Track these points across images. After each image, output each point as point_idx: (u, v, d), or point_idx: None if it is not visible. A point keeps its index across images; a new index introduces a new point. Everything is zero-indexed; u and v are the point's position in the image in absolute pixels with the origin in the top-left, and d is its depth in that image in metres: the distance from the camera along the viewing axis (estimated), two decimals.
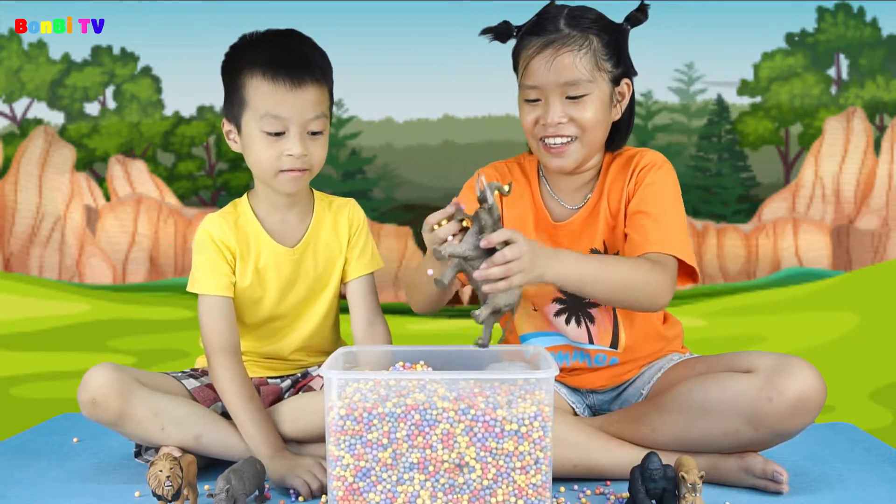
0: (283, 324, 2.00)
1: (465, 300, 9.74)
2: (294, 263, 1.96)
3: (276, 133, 1.84)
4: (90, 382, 1.79)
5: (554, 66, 1.76)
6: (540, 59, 1.77)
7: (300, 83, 1.83)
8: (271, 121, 1.83)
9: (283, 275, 1.96)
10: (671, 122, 10.42)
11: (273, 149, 1.85)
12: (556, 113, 1.78)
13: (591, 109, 1.79)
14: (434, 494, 1.49)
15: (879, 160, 9.97)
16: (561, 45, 1.77)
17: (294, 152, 1.84)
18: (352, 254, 2.00)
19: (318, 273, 1.99)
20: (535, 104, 1.81)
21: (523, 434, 1.48)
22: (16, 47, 10.23)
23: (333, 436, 1.50)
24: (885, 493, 1.72)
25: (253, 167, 1.90)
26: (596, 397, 1.98)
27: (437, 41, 9.79)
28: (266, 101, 1.83)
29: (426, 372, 1.57)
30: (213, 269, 1.91)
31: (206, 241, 1.92)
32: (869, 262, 9.81)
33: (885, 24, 10.07)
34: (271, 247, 1.95)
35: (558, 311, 1.93)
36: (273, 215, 1.96)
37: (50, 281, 9.77)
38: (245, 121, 1.87)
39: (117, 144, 10.44)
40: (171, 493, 1.53)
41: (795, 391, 1.64)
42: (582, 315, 1.92)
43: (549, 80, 1.77)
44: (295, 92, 1.83)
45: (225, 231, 1.92)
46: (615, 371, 1.95)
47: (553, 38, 1.77)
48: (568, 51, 1.76)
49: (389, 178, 10.81)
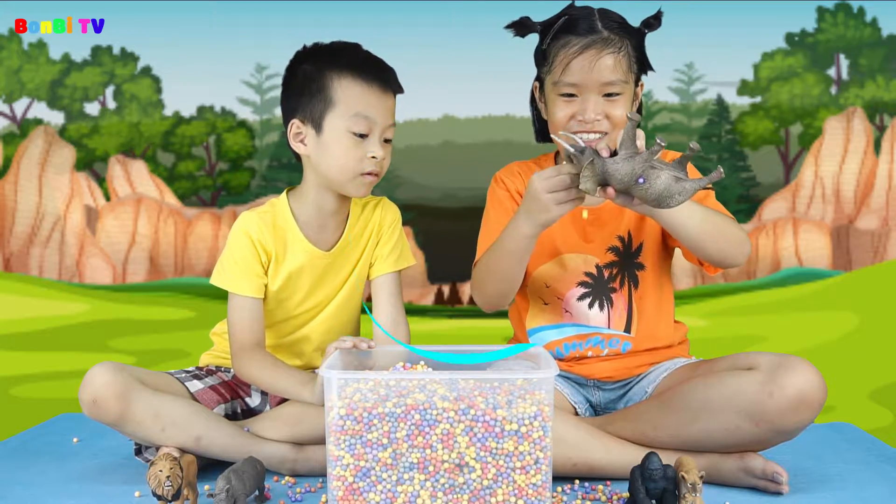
0: (304, 319, 2.02)
1: (465, 300, 9.74)
2: (326, 266, 1.98)
3: (362, 134, 1.87)
4: (91, 382, 1.79)
5: (597, 66, 1.85)
6: (583, 58, 1.86)
7: (388, 88, 1.91)
8: (361, 121, 1.87)
9: (314, 277, 1.98)
10: (671, 122, 10.42)
11: (358, 149, 1.88)
12: (595, 109, 1.86)
13: (623, 107, 1.88)
14: (434, 494, 1.50)
15: (879, 160, 9.97)
16: (603, 46, 1.86)
17: (378, 154, 1.88)
18: (381, 251, 2.02)
19: (346, 274, 2.01)
20: (571, 100, 1.89)
21: (523, 434, 1.48)
22: (16, 47, 10.23)
23: (333, 435, 1.50)
24: (885, 493, 1.72)
25: (330, 167, 1.90)
26: (602, 394, 1.99)
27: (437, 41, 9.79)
28: (358, 101, 1.88)
29: (426, 372, 1.57)
30: (246, 269, 1.93)
31: (243, 239, 1.94)
32: (869, 262, 9.81)
33: (885, 24, 10.07)
34: (307, 250, 1.96)
35: (582, 294, 1.98)
36: (315, 219, 1.98)
37: (50, 281, 9.77)
38: (329, 119, 1.89)
39: (117, 144, 10.44)
40: (171, 493, 1.53)
41: (796, 387, 1.65)
42: (604, 299, 1.97)
43: (591, 79, 1.86)
44: (384, 97, 1.90)
45: (263, 233, 1.94)
46: (625, 363, 1.97)
47: (594, 38, 1.86)
48: (609, 52, 1.86)
49: (389, 178, 10.83)
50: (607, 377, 1.98)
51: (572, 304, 1.98)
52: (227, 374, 2.04)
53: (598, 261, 1.97)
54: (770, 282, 9.71)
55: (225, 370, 2.05)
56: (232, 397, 2.00)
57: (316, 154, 1.91)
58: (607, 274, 1.98)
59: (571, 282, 1.98)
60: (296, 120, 1.92)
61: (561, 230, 1.96)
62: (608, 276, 1.98)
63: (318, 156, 1.91)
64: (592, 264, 1.98)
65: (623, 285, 1.97)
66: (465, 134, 10.47)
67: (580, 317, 1.98)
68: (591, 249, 1.98)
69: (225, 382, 2.01)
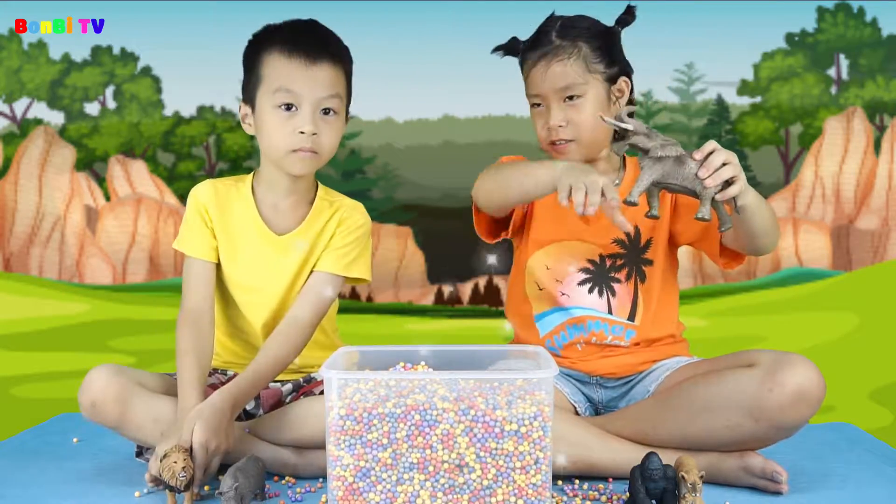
0: (250, 299, 2.00)
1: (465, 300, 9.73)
2: (276, 250, 1.97)
3: (288, 107, 1.86)
4: (90, 386, 1.79)
5: (548, 75, 1.95)
6: (536, 70, 1.97)
7: (315, 60, 1.88)
8: (284, 94, 1.86)
9: (262, 257, 1.97)
10: (671, 122, 10.42)
11: (286, 125, 1.87)
12: (556, 116, 1.95)
13: (588, 110, 1.94)
14: (434, 494, 1.50)
15: (879, 160, 9.96)
16: (553, 56, 1.95)
17: (305, 129, 1.86)
18: (328, 247, 1.98)
19: (295, 265, 1.98)
20: (540, 110, 1.98)
21: (523, 434, 1.49)
22: (16, 47, 10.23)
23: (333, 436, 1.50)
24: (885, 493, 1.72)
25: (263, 145, 1.91)
26: (604, 392, 2.00)
27: (437, 41, 9.78)
28: (280, 75, 1.87)
29: (426, 372, 1.57)
30: (193, 230, 1.96)
31: (191, 201, 1.98)
32: (869, 262, 9.81)
33: (885, 24, 10.07)
34: (258, 226, 1.97)
35: (582, 280, 2.01)
36: (269, 197, 1.98)
37: (50, 281, 9.77)
38: (259, 96, 1.90)
39: (117, 144, 10.44)
40: (185, 484, 1.58)
41: (795, 383, 1.66)
42: (605, 286, 2.01)
43: (546, 88, 1.95)
44: (310, 69, 1.87)
45: (210, 197, 1.97)
46: (627, 359, 1.98)
47: (546, 50, 1.96)
48: (558, 60, 1.95)
49: (389, 178, 10.80)
50: (610, 374, 1.99)
51: (571, 288, 2.02)
52: (224, 375, 2.04)
53: (602, 250, 2.01)
54: (770, 282, 9.71)
55: (221, 371, 2.05)
56: None
57: (256, 133, 1.94)
58: (609, 263, 2.01)
59: (572, 267, 2.01)
60: (241, 102, 1.96)
61: (566, 217, 1.97)
62: (610, 265, 2.01)
63: (258, 134, 1.93)
64: (596, 253, 2.01)
65: (630, 278, 2.01)
66: (465, 134, 10.47)
67: (578, 300, 2.01)
68: (595, 238, 2.01)
69: (222, 383, 2.00)
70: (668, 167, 1.66)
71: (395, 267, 10.97)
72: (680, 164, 1.66)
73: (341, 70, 1.93)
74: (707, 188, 1.65)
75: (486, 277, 10.65)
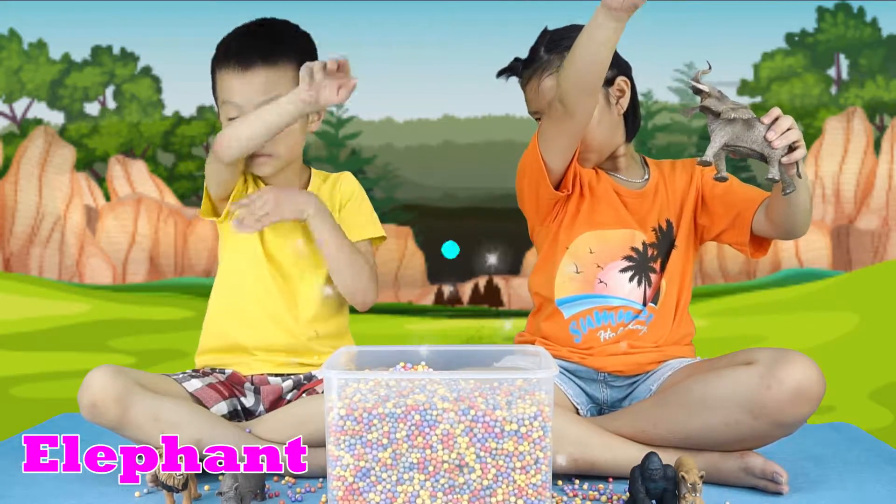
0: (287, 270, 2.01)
1: (465, 300, 9.74)
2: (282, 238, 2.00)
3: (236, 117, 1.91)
4: (89, 386, 1.79)
5: (541, 90, 1.99)
6: (530, 87, 2.02)
7: (247, 66, 1.91)
8: (229, 107, 1.94)
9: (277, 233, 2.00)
10: (671, 122, 10.43)
11: None
12: None
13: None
14: (434, 494, 1.50)
15: (879, 160, 9.98)
16: (543, 70, 1.99)
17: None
18: (344, 223, 2.00)
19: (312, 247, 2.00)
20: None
21: (523, 434, 1.49)
22: (16, 47, 10.24)
23: (333, 436, 1.51)
24: (885, 493, 1.72)
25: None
26: (610, 391, 2.00)
27: (437, 41, 9.78)
28: (223, 88, 1.95)
29: (426, 372, 1.57)
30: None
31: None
32: (869, 262, 9.82)
33: (885, 24, 10.08)
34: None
35: (625, 267, 2.01)
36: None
37: (50, 281, 9.79)
38: (220, 111, 1.99)
39: (117, 144, 10.45)
40: (181, 484, 1.59)
41: (795, 379, 1.66)
42: (643, 276, 2.01)
43: (542, 103, 1.98)
44: (243, 77, 1.92)
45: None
46: (635, 358, 1.97)
47: (537, 66, 2.00)
48: (548, 75, 1.98)
49: (389, 178, 10.81)
50: (618, 371, 1.98)
51: (612, 276, 2.00)
52: (223, 374, 2.04)
53: (646, 238, 2.01)
54: (770, 282, 9.73)
55: (220, 371, 2.05)
56: (230, 395, 2.00)
57: None
58: (650, 253, 2.02)
59: (617, 254, 2.00)
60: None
61: (613, 204, 2.00)
62: (651, 255, 2.02)
63: None
64: (640, 241, 2.01)
65: (663, 269, 2.02)
66: (465, 134, 10.48)
67: (616, 288, 2.00)
68: (640, 226, 2.01)
69: (222, 382, 2.01)
70: (738, 129, 1.69)
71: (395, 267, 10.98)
72: (749, 127, 1.69)
73: (281, 69, 1.93)
74: (775, 150, 1.68)
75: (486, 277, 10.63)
